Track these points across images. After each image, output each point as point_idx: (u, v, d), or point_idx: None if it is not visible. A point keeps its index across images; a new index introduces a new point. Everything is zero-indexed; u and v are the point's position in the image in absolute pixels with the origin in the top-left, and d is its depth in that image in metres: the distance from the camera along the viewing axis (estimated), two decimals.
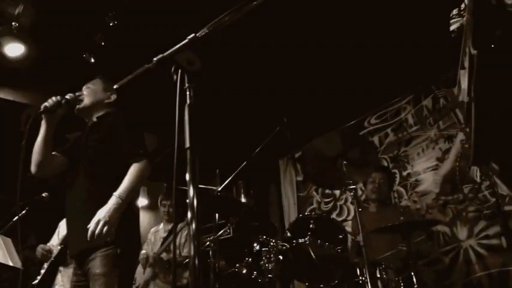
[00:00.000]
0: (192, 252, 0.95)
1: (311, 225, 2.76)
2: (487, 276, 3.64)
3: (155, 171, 2.26)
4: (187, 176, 1.04)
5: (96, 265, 1.94)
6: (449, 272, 3.83)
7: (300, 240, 2.70)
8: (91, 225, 1.93)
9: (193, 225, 0.98)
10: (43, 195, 3.60)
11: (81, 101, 2.36)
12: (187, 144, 1.02)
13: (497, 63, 1.38)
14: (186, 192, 1.02)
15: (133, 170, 2.09)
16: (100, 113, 2.41)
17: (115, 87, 1.85)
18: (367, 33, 3.93)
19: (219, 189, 3.68)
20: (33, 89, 4.40)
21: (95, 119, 2.40)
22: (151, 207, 5.81)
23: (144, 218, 5.72)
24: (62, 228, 3.84)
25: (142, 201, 5.69)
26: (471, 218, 3.86)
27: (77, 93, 2.37)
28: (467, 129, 1.45)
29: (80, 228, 2.03)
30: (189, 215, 1.00)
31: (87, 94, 2.40)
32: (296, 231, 2.81)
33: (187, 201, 1.02)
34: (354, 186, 2.51)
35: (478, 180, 1.37)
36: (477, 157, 1.49)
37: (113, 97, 2.46)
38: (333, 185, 3.02)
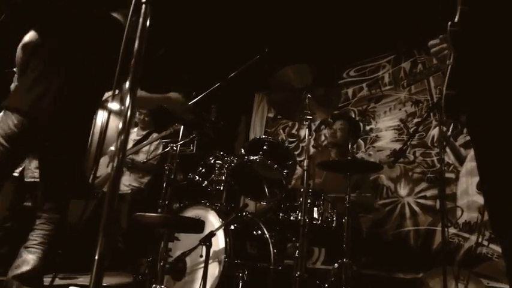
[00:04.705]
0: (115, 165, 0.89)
1: (265, 147, 2.93)
2: (415, 231, 3.99)
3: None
4: (127, 84, 0.92)
5: None
6: (384, 222, 4.16)
7: (252, 158, 2.88)
8: None
9: (122, 138, 0.90)
10: None
11: None
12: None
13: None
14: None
15: None
16: None
17: None
18: None
19: (190, 103, 3.80)
20: None
21: None
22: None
23: (114, 122, 5.82)
24: None
25: (114, 105, 5.76)
26: (415, 179, 4.15)
27: None
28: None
29: None
30: (120, 124, 0.90)
31: None
32: (250, 149, 2.97)
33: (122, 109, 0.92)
34: (310, 117, 2.64)
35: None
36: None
37: None
38: (293, 116, 3.15)
